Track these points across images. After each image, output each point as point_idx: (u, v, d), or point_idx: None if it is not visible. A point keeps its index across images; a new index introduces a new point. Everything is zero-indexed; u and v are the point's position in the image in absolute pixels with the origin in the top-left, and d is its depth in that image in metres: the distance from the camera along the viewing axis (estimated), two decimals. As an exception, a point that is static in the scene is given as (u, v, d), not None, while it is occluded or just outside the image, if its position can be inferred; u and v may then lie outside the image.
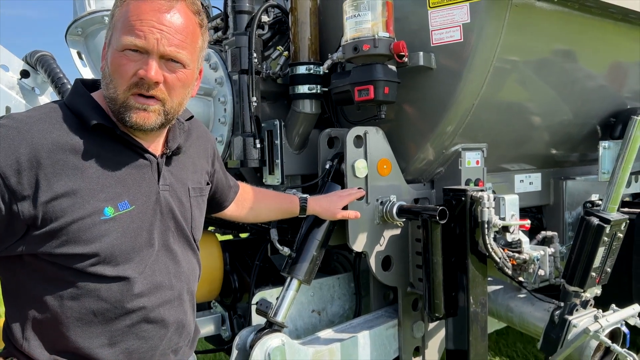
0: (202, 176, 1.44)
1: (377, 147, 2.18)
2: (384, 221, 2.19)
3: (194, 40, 1.18)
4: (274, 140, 2.27)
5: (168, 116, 1.20)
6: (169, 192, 1.27)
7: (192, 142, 1.41)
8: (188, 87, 1.22)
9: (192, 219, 1.34)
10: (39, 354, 1.13)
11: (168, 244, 1.26)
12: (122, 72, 1.10)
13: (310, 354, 2.04)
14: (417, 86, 2.14)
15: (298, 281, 2.04)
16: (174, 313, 1.27)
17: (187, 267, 1.32)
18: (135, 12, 1.09)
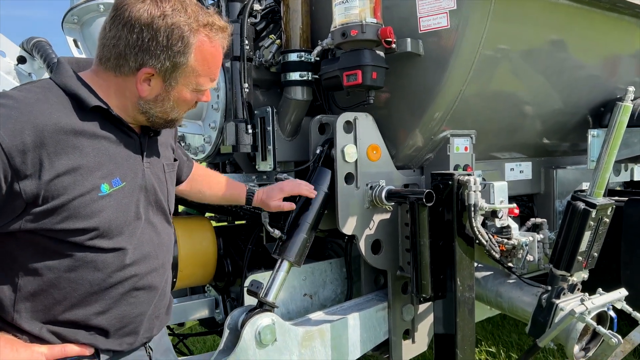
0: (171, 153, 1.54)
1: (367, 132, 2.23)
2: (374, 205, 2.24)
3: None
4: (266, 127, 2.31)
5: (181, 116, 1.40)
6: (150, 169, 1.35)
7: None
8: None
9: (168, 193, 1.44)
10: (30, 325, 1.18)
11: (149, 217, 1.34)
12: (188, 103, 1.33)
13: (300, 333, 2.08)
14: (406, 72, 2.18)
15: (289, 263, 2.08)
16: (159, 280, 1.35)
17: (166, 238, 1.41)
18: (212, 58, 1.27)
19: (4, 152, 1.04)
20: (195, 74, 1.24)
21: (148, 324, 1.35)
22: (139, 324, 1.32)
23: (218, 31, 1.25)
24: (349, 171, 2.18)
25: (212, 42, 1.24)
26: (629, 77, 2.88)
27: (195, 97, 1.30)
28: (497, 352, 4.12)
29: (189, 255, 2.32)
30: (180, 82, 1.24)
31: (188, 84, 1.25)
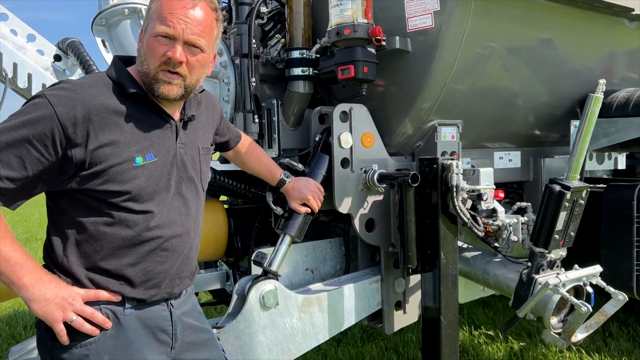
0: (209, 138, 1.78)
1: (362, 122, 2.48)
2: (367, 187, 2.49)
3: (211, 31, 1.50)
4: (272, 118, 2.58)
5: (187, 89, 1.51)
6: (184, 149, 1.58)
7: (202, 110, 1.74)
8: (205, 67, 1.53)
9: (201, 172, 1.67)
10: (77, 269, 1.45)
11: (181, 190, 1.57)
12: (155, 53, 1.42)
13: (300, 299, 2.34)
14: (397, 68, 2.43)
15: (290, 237, 2.34)
16: (182, 246, 1.57)
17: (194, 210, 1.63)
18: (167, 7, 1.41)
19: (59, 123, 1.32)
20: (153, 19, 1.42)
21: (169, 282, 1.55)
22: (161, 280, 1.53)
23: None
24: (344, 156, 2.43)
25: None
26: (614, 71, 3.08)
27: (159, 46, 1.40)
28: (495, 335, 4.33)
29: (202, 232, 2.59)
30: (148, 31, 1.43)
31: (151, 29, 1.42)
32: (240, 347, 2.19)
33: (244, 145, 2.16)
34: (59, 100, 1.33)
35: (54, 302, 1.36)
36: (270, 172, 2.25)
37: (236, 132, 2.11)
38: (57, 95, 1.35)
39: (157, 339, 1.53)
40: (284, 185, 2.26)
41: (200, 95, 1.74)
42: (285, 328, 2.29)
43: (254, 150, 2.22)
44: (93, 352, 1.42)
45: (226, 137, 2.02)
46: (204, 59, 1.50)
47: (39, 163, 1.33)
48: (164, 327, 1.55)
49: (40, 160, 1.33)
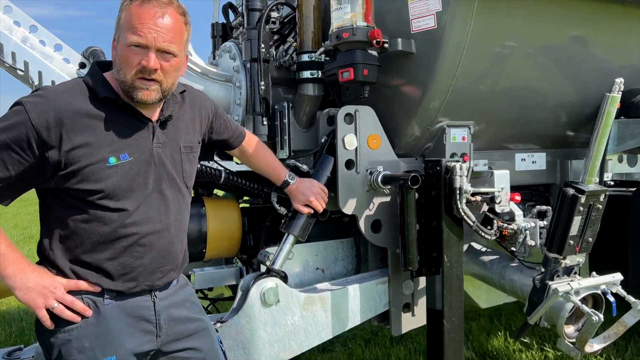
0: (194, 137, 1.81)
1: (368, 123, 2.49)
2: (373, 189, 2.50)
3: (181, 35, 1.56)
4: (283, 120, 2.65)
5: (164, 93, 1.60)
6: (162, 148, 1.65)
7: (185, 109, 1.79)
8: (179, 70, 1.61)
9: (183, 170, 1.73)
10: (61, 262, 1.58)
11: (161, 188, 1.65)
12: (130, 62, 1.50)
13: (302, 297, 2.40)
14: (402, 69, 2.42)
15: (293, 236, 2.40)
16: (160, 241, 1.65)
17: (175, 208, 1.69)
18: (137, 17, 1.48)
19: (34, 128, 1.44)
20: (125, 28, 1.49)
21: (149, 275, 1.63)
22: (139, 274, 1.61)
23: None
24: (349, 158, 2.46)
25: (140, 5, 1.48)
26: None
27: (132, 55, 1.48)
28: (531, 342, 4.19)
29: (216, 230, 2.70)
30: (120, 41, 1.51)
31: (123, 40, 1.49)
32: (241, 342, 2.28)
33: (250, 144, 2.22)
34: (34, 107, 1.46)
35: (35, 290, 1.50)
36: (275, 173, 2.31)
37: (239, 131, 2.15)
38: (32, 102, 1.47)
39: (140, 328, 1.63)
40: (287, 186, 2.32)
41: (184, 94, 1.80)
42: (286, 325, 2.36)
43: (260, 150, 2.27)
44: (75, 337, 1.54)
45: (224, 135, 2.06)
46: (177, 63, 1.56)
47: (19, 164, 1.47)
48: (146, 316, 1.65)
49: (20, 162, 1.46)
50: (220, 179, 2.59)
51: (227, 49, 2.77)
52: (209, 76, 2.69)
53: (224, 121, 2.06)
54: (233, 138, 2.14)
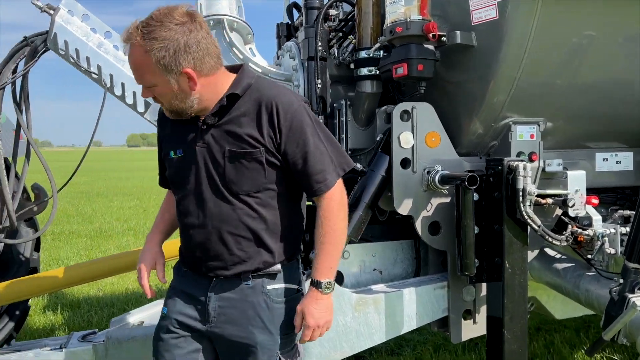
0: (244, 141, 1.64)
1: (426, 120, 2.39)
2: (431, 189, 2.40)
3: (146, 65, 1.56)
4: (341, 118, 2.62)
5: (176, 111, 1.67)
6: (206, 150, 1.67)
7: (246, 110, 1.65)
8: (167, 94, 1.61)
9: (226, 175, 1.66)
10: None
11: (200, 187, 1.69)
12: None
13: (354, 298, 2.36)
14: (463, 63, 2.30)
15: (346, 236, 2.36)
16: (198, 236, 1.71)
17: (215, 210, 1.68)
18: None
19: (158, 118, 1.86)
20: None
21: (198, 262, 1.73)
22: (192, 258, 1.75)
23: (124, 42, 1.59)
24: (405, 156, 2.38)
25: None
26: None
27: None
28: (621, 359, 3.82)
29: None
30: None
31: None
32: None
33: (322, 210, 1.71)
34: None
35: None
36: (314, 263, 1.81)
37: (316, 180, 1.66)
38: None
39: (193, 303, 1.76)
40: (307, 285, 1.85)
41: (250, 92, 1.66)
42: (337, 325, 2.33)
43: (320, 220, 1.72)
44: (170, 286, 1.85)
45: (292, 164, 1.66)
46: (161, 90, 1.60)
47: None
48: (198, 296, 1.74)
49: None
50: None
51: (288, 48, 2.79)
52: (269, 76, 2.73)
53: (296, 144, 1.64)
54: (303, 180, 1.69)
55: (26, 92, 2.51)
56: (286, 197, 1.73)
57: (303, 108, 1.67)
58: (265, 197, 1.68)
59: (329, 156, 1.68)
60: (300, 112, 1.65)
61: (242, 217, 1.68)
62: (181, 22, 1.53)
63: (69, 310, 5.07)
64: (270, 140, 1.64)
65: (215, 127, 1.69)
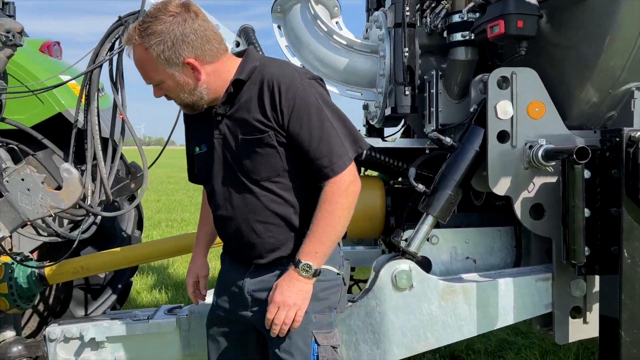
0: (253, 127, 1.57)
1: (528, 88, 2.10)
2: (533, 166, 2.10)
3: (149, 65, 1.56)
4: (431, 90, 2.41)
5: (190, 102, 1.63)
6: (223, 140, 1.64)
7: (253, 93, 1.58)
8: (175, 88, 1.60)
9: (244, 164, 1.61)
10: None
11: (224, 179, 1.67)
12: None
13: (441, 286, 2.14)
14: (573, 20, 1.99)
15: (433, 217, 2.16)
16: (229, 227, 1.70)
17: (240, 200, 1.64)
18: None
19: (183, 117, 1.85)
20: None
21: (239, 253, 1.73)
22: (229, 248, 1.79)
23: (126, 46, 1.62)
24: (502, 129, 2.11)
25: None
26: None
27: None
28: None
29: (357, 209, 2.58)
30: None
31: None
32: (370, 325, 2.13)
33: (323, 191, 1.58)
34: None
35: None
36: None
37: (318, 164, 1.56)
38: None
39: (232, 290, 1.74)
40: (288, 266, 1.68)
41: (255, 76, 1.59)
42: (421, 313, 2.13)
43: (319, 203, 1.58)
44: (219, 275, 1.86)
45: (297, 146, 1.57)
46: (169, 85, 1.60)
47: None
48: (237, 282, 1.72)
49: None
50: (362, 155, 2.47)
51: (375, 18, 2.62)
52: (355, 48, 2.58)
53: (300, 125, 1.55)
54: (310, 163, 1.57)
55: (121, 71, 2.59)
56: (308, 176, 1.62)
57: (308, 85, 1.56)
58: (287, 180, 1.61)
59: (338, 137, 1.55)
60: (303, 90, 1.55)
61: (268, 204, 1.62)
62: (175, 13, 1.52)
63: (172, 289, 5.33)
64: (274, 122, 1.57)
65: (228, 116, 1.64)
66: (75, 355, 2.30)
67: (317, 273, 1.58)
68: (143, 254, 2.58)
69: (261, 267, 1.68)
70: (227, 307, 1.75)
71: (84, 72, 2.49)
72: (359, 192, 1.62)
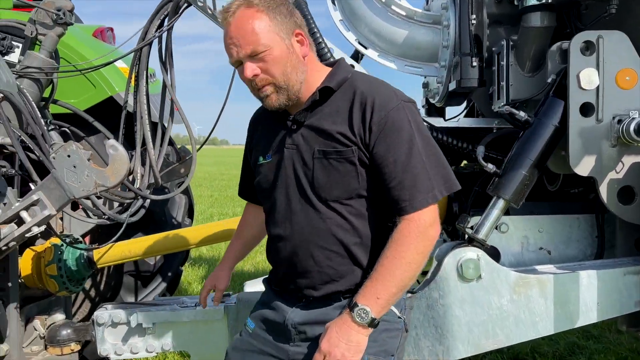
0: (336, 139, 1.44)
1: (617, 54, 1.86)
2: (623, 143, 1.85)
3: (260, 27, 1.41)
4: (501, 62, 2.18)
5: (286, 89, 1.44)
6: (295, 151, 1.48)
7: (338, 105, 1.47)
8: (281, 60, 1.42)
9: (315, 179, 1.45)
10: None
11: (288, 193, 1.50)
12: (245, 82, 1.49)
13: (513, 277, 1.92)
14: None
15: (504, 201, 1.94)
16: (285, 249, 1.50)
17: (303, 219, 1.47)
18: (224, 42, 1.48)
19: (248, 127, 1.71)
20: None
21: (289, 281, 1.52)
22: (279, 274, 1.56)
23: (227, 17, 1.42)
24: (586, 101, 1.87)
25: (224, 29, 1.44)
26: None
27: (241, 74, 1.45)
28: None
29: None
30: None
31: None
32: (433, 319, 1.94)
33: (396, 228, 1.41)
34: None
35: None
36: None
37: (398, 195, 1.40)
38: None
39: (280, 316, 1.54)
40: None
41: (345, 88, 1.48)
42: (490, 307, 1.92)
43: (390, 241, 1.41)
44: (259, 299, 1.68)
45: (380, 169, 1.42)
46: (272, 55, 1.41)
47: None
48: (282, 312, 1.53)
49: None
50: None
51: (439, -15, 2.42)
52: (415, 19, 2.39)
53: (387, 147, 1.40)
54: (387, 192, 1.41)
55: (170, 49, 2.51)
56: (383, 206, 1.44)
57: (403, 108, 1.41)
58: (358, 205, 1.44)
59: (425, 171, 1.38)
60: (398, 112, 1.40)
61: (332, 228, 1.45)
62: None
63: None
64: (360, 138, 1.42)
65: (306, 125, 1.49)
66: (123, 340, 2.24)
67: (374, 324, 1.36)
68: (191, 238, 2.49)
69: (313, 300, 1.49)
70: (264, 337, 1.56)
71: (133, 50, 2.42)
72: (437, 239, 1.42)
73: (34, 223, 1.89)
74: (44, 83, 2.50)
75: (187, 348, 2.26)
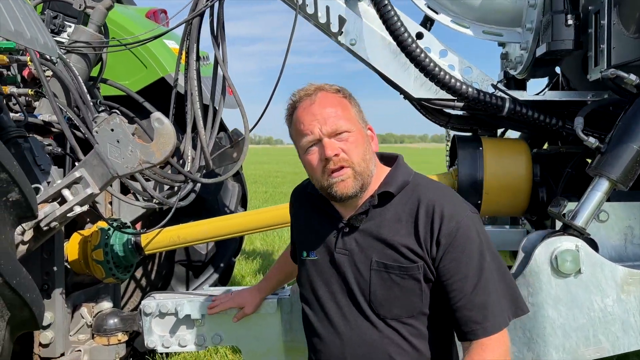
0: (400, 253, 1.34)
1: None
2: None
3: (344, 110, 1.38)
4: (601, 21, 1.86)
5: (361, 177, 1.35)
6: (348, 257, 1.38)
7: (389, 216, 1.38)
8: (362, 144, 1.36)
9: (372, 292, 1.35)
10: None
11: (337, 303, 1.40)
12: (314, 164, 1.37)
13: (620, 273, 1.61)
14: None
15: (609, 181, 1.62)
16: (332, 357, 1.38)
17: (355, 335, 1.35)
18: (300, 122, 1.39)
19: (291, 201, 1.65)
20: (298, 138, 1.40)
21: None
22: None
23: (305, 98, 1.37)
24: None
25: (298, 112, 1.38)
26: None
27: (313, 157, 1.36)
28: None
29: (496, 179, 2.09)
30: (300, 152, 1.42)
31: (300, 149, 1.40)
32: (520, 321, 1.64)
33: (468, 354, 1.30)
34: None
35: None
36: None
37: (472, 316, 1.28)
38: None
39: None
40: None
41: (407, 192, 1.39)
42: (592, 309, 1.62)
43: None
44: None
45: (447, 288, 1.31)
46: (355, 138, 1.36)
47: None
48: None
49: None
50: (503, 110, 1.99)
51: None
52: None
53: (457, 263, 1.29)
54: (455, 312, 1.30)
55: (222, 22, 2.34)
56: (445, 325, 1.34)
57: (471, 219, 1.33)
58: (419, 324, 1.34)
59: (496, 291, 1.27)
60: (466, 223, 1.31)
61: (389, 349, 1.33)
62: None
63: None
64: (427, 253, 1.32)
65: (360, 230, 1.39)
66: (171, 332, 2.09)
67: None
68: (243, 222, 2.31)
69: None
70: None
71: (182, 21, 2.27)
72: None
73: (76, 202, 1.75)
74: (92, 59, 2.41)
75: (237, 342, 2.08)
